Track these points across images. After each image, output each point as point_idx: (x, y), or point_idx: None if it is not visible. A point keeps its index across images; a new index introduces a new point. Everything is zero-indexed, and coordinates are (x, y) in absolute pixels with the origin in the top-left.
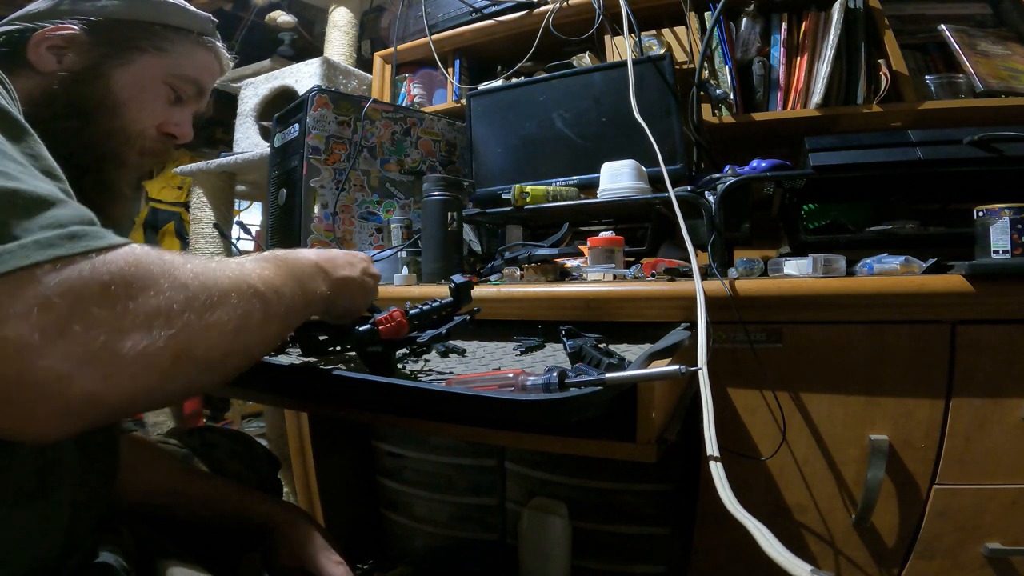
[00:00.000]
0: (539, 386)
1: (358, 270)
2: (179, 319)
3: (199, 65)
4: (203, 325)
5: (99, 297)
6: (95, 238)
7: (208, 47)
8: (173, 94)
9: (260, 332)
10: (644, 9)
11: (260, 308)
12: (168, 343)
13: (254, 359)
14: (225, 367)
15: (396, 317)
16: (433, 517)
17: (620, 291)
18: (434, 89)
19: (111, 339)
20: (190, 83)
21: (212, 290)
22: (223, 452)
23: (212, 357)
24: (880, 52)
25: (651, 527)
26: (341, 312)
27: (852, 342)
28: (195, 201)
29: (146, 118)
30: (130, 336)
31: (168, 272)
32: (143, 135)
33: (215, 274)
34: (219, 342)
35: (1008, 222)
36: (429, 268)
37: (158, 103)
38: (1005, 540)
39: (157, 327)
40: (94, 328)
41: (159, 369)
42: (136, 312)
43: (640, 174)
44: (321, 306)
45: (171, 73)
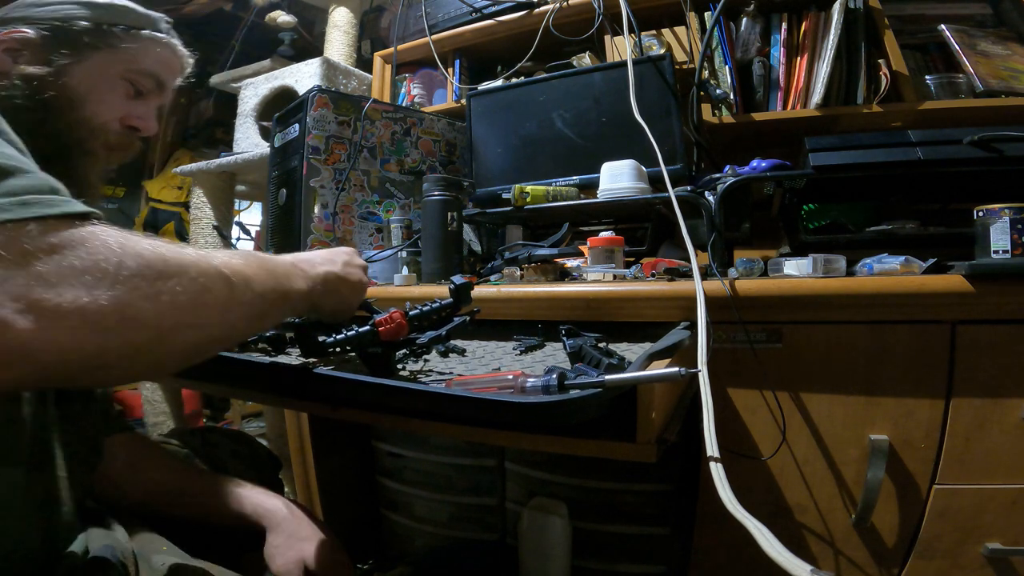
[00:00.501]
0: (538, 388)
1: (339, 264)
2: (127, 282)
3: (155, 60)
4: (152, 291)
5: (43, 253)
6: (49, 205)
7: (163, 43)
8: (132, 89)
9: (222, 313)
10: (644, 9)
11: (223, 288)
12: (111, 302)
13: (216, 340)
14: (180, 339)
15: (396, 318)
16: (433, 517)
17: (620, 291)
18: (434, 89)
19: (51, 292)
20: (148, 77)
21: (169, 262)
22: (224, 452)
23: (162, 325)
24: (880, 52)
25: (651, 527)
26: (333, 308)
27: (852, 342)
28: (195, 201)
29: (106, 111)
30: (72, 290)
31: (123, 242)
32: (106, 128)
33: (176, 251)
34: (170, 311)
35: (1008, 222)
36: (429, 268)
37: (117, 97)
38: (1005, 540)
39: (102, 286)
40: (35, 281)
41: (100, 326)
42: (81, 269)
43: (640, 174)
44: (304, 304)
45: (128, 68)
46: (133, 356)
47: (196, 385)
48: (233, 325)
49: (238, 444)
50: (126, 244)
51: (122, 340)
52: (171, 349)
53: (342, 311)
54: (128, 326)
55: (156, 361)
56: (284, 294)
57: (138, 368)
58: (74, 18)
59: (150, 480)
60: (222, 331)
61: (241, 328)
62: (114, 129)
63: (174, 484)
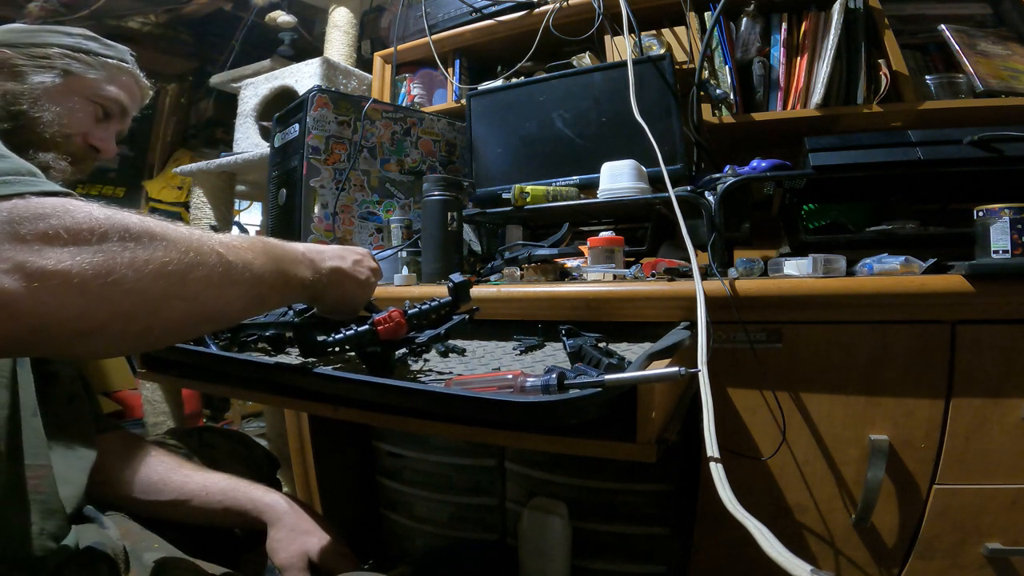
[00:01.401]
0: (538, 387)
1: (349, 262)
2: (110, 249)
3: (122, 86)
4: (136, 258)
5: (27, 223)
6: (29, 184)
7: (129, 72)
8: (101, 111)
9: (215, 289)
10: (644, 9)
11: (216, 264)
12: (93, 267)
13: (210, 317)
14: (168, 310)
15: (395, 317)
16: (433, 517)
17: (620, 291)
18: (434, 89)
19: (35, 255)
20: (114, 102)
21: (155, 234)
22: (222, 452)
23: (148, 293)
24: (880, 52)
25: (651, 527)
26: (334, 302)
27: (852, 342)
28: (195, 201)
29: (74, 125)
30: (55, 253)
31: (109, 214)
32: (69, 140)
33: (166, 225)
34: (156, 280)
35: (1008, 222)
36: (429, 268)
37: (85, 116)
38: (1005, 540)
39: (85, 252)
40: (20, 245)
41: (84, 290)
42: (65, 235)
43: (640, 174)
44: (306, 293)
45: (97, 92)
46: (119, 323)
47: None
48: (228, 302)
49: (236, 444)
50: (112, 216)
51: (106, 306)
52: (160, 320)
53: (344, 308)
54: (112, 291)
55: (144, 330)
56: (285, 280)
57: (126, 337)
58: (51, 44)
59: (145, 478)
60: (216, 307)
61: (237, 307)
62: (76, 143)
63: (171, 482)
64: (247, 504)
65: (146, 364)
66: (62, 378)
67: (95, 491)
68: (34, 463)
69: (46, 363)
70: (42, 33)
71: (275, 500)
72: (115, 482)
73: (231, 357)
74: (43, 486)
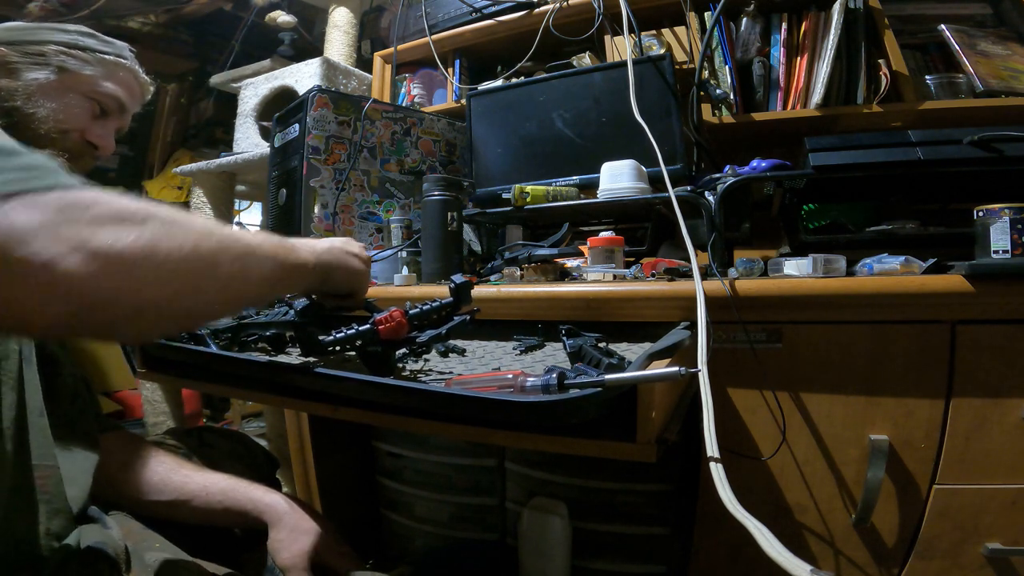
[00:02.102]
0: (538, 387)
1: (339, 243)
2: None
3: (119, 82)
4: (178, 241)
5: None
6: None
7: (127, 68)
8: (98, 107)
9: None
10: (644, 9)
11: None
12: (144, 247)
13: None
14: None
15: (396, 317)
16: (433, 517)
17: (620, 291)
18: (434, 89)
19: (93, 236)
20: (111, 98)
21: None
22: (222, 452)
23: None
24: (880, 52)
25: (651, 527)
26: (344, 278)
27: (852, 342)
28: (195, 201)
29: (70, 121)
30: (110, 235)
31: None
32: (66, 136)
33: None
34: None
35: (1008, 222)
36: (429, 268)
37: (82, 113)
38: (1005, 540)
39: (135, 234)
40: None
41: (138, 267)
42: (115, 220)
43: (640, 174)
44: (314, 276)
45: (94, 88)
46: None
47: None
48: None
49: (235, 444)
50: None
51: (157, 285)
52: (199, 300)
53: (354, 282)
54: (161, 271)
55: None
56: (295, 264)
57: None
58: (47, 41)
59: (145, 478)
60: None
61: (259, 290)
62: (73, 139)
63: (171, 482)
64: (247, 504)
65: (146, 364)
66: (64, 377)
67: (100, 492)
68: (41, 463)
69: (51, 363)
70: (39, 31)
71: (275, 500)
72: (115, 482)
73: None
74: (49, 486)
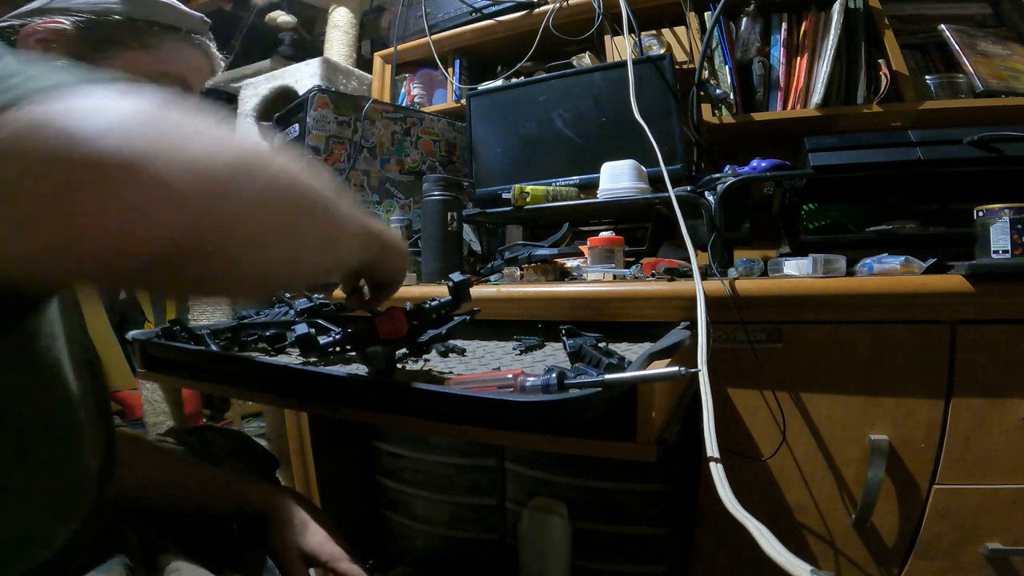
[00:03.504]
0: (538, 387)
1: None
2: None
3: (186, 63)
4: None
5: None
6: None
7: (197, 46)
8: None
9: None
10: (644, 9)
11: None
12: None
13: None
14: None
15: (395, 317)
16: (433, 517)
17: (620, 291)
18: (434, 89)
19: (179, 140)
20: (175, 80)
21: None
22: (222, 451)
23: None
24: (880, 52)
25: (651, 527)
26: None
27: (852, 342)
28: None
29: None
30: (198, 140)
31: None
32: None
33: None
34: (301, 200)
35: (1008, 222)
36: (429, 268)
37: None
38: (1005, 540)
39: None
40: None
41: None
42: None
43: (640, 174)
44: (377, 251)
45: (156, 70)
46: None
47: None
48: (338, 243)
49: (236, 443)
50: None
51: (269, 216)
52: (295, 250)
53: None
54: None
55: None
56: (370, 232)
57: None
58: (110, 12)
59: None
60: (332, 246)
61: (339, 256)
62: None
63: (170, 477)
64: (244, 499)
65: (146, 364)
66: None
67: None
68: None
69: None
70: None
71: (272, 495)
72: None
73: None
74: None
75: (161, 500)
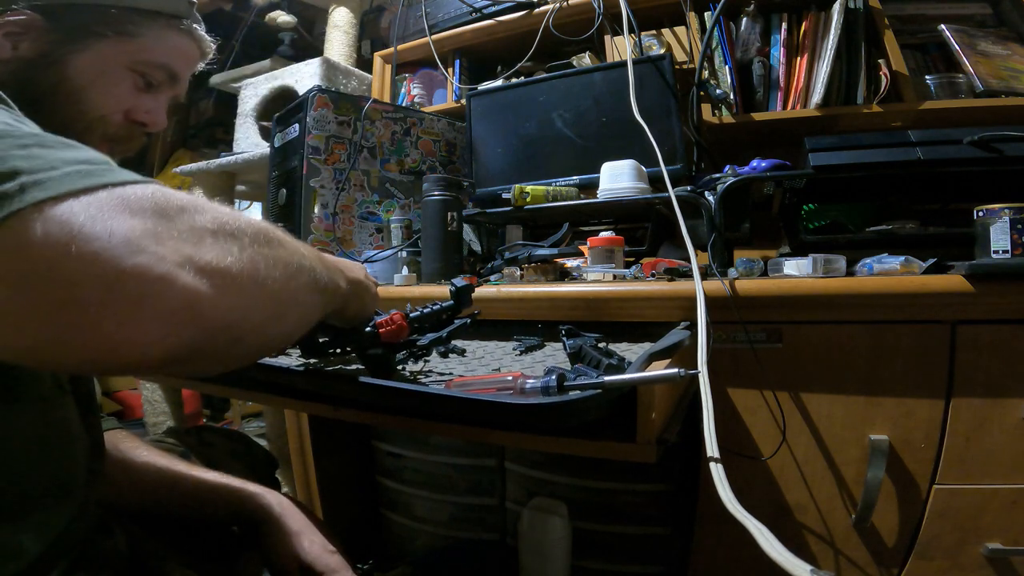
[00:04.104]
0: (537, 389)
1: (363, 274)
2: (252, 247)
3: (170, 50)
4: (271, 259)
5: (168, 208)
6: (130, 174)
7: (183, 31)
8: (142, 80)
9: (309, 295)
10: (644, 9)
11: (310, 270)
12: (246, 264)
13: (305, 322)
14: (287, 316)
15: (396, 320)
16: (433, 517)
17: (620, 291)
18: (434, 89)
19: (198, 250)
20: (159, 69)
21: (274, 236)
22: (220, 451)
23: (283, 296)
24: (880, 52)
25: (651, 527)
26: (354, 313)
27: (852, 342)
28: None
29: (109, 104)
30: (215, 250)
31: (233, 211)
32: (105, 121)
33: (273, 227)
34: (287, 283)
35: (1008, 222)
36: (429, 268)
37: (122, 89)
38: (1005, 540)
39: (236, 248)
40: (175, 234)
41: (238, 284)
42: (214, 229)
43: (640, 174)
44: (340, 302)
45: (136, 59)
46: (265, 327)
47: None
48: (314, 308)
49: (234, 443)
50: (234, 211)
51: (260, 306)
52: (282, 326)
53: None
54: (261, 291)
55: (271, 338)
56: (335, 288)
57: (264, 342)
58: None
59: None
60: (307, 313)
61: (317, 315)
62: (115, 122)
63: (166, 479)
64: (239, 502)
65: None
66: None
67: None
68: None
69: None
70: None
71: (266, 499)
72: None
73: None
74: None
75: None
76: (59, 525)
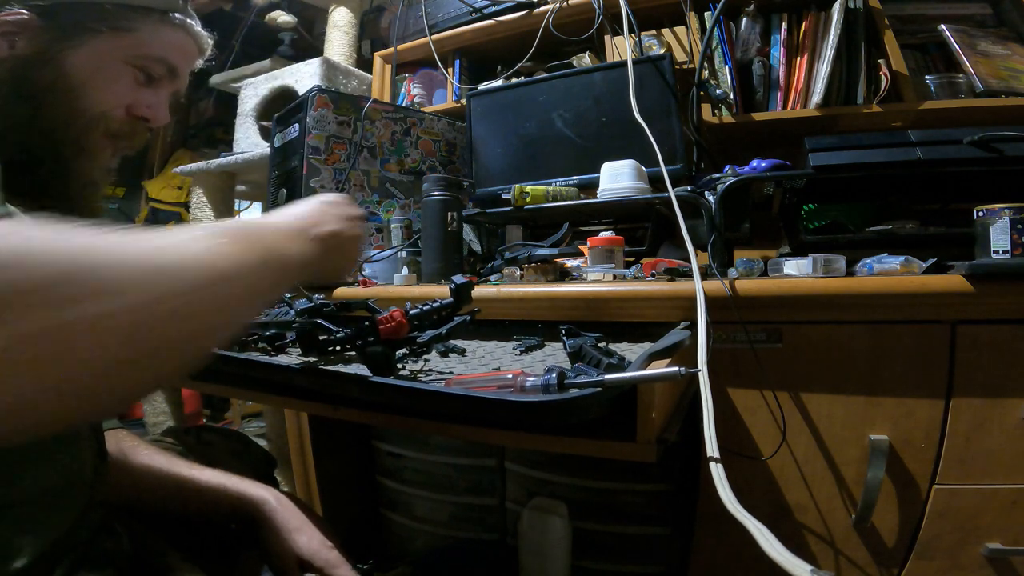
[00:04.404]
0: (538, 387)
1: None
2: (41, 310)
3: (166, 44)
4: (87, 315)
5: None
6: None
7: (178, 26)
8: (142, 75)
9: (211, 313)
10: (644, 9)
11: (205, 282)
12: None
13: (208, 340)
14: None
15: (396, 317)
16: (433, 517)
17: (620, 291)
18: (434, 89)
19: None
20: (157, 63)
21: (115, 268)
22: (220, 451)
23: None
24: (880, 52)
25: (651, 527)
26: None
27: (852, 342)
28: (195, 201)
29: (109, 100)
30: (31, 306)
31: (55, 235)
32: (106, 117)
33: (124, 249)
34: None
35: (1008, 222)
36: (429, 268)
37: (122, 85)
38: (1005, 540)
39: (9, 319)
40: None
41: (64, 345)
42: (28, 279)
43: (640, 174)
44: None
45: (133, 54)
46: (114, 380)
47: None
48: (230, 317)
49: (233, 443)
50: (44, 249)
51: (74, 390)
52: (136, 379)
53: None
54: (64, 369)
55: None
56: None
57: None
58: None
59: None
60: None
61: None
62: (116, 118)
63: (166, 478)
64: (237, 501)
65: None
66: None
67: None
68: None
69: None
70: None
71: (264, 497)
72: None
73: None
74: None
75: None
76: (64, 524)
